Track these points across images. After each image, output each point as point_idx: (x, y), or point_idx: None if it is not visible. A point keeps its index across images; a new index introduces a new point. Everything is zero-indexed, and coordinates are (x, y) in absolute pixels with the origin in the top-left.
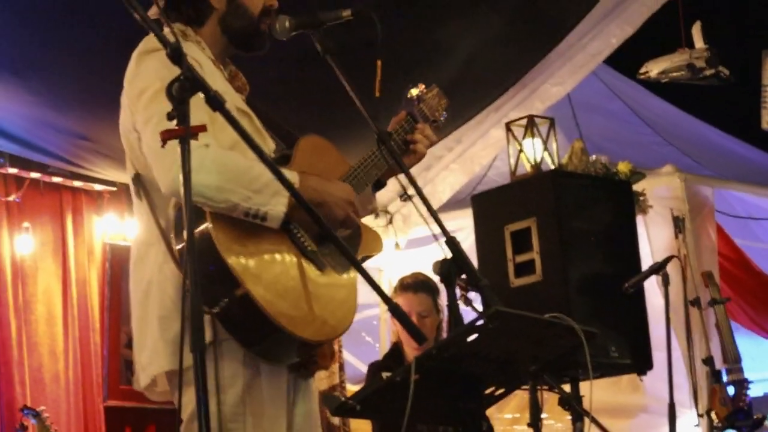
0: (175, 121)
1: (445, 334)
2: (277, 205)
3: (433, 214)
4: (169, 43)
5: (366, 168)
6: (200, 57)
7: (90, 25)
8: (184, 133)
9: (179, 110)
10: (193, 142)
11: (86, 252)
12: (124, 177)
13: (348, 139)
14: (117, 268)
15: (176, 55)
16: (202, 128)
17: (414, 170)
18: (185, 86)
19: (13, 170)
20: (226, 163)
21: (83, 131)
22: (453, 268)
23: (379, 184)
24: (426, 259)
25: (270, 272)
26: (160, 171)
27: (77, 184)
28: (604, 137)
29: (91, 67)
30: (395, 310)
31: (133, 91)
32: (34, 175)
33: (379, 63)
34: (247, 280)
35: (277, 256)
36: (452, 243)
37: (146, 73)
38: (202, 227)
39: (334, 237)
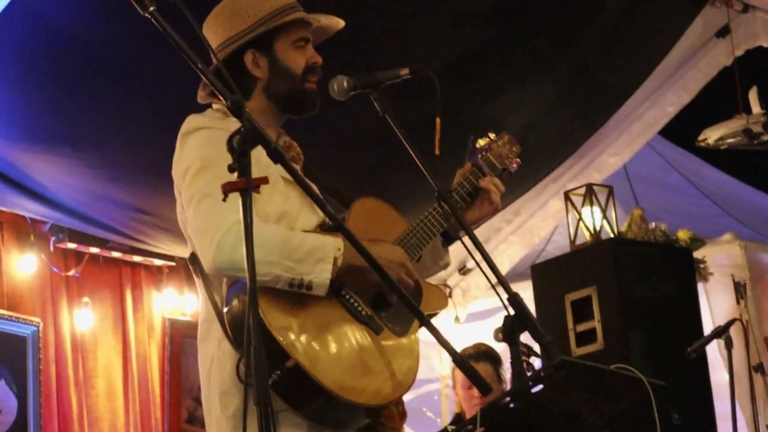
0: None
1: None
2: (321, 272)
3: (495, 271)
4: (229, 96)
5: (424, 226)
6: None
7: (148, 99)
8: (245, 185)
9: (240, 162)
10: (232, 217)
11: (146, 327)
12: (184, 251)
13: (408, 199)
14: (177, 342)
15: (236, 108)
16: (264, 180)
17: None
18: (246, 138)
19: (72, 245)
20: (265, 236)
21: (142, 205)
22: (516, 324)
23: (450, 239)
24: (486, 332)
25: (320, 341)
26: (200, 249)
27: (136, 259)
28: (661, 209)
29: (150, 141)
30: (460, 362)
31: (178, 172)
32: (94, 250)
33: (438, 121)
34: (295, 352)
35: (328, 324)
36: (515, 300)
37: (189, 153)
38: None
39: (397, 289)
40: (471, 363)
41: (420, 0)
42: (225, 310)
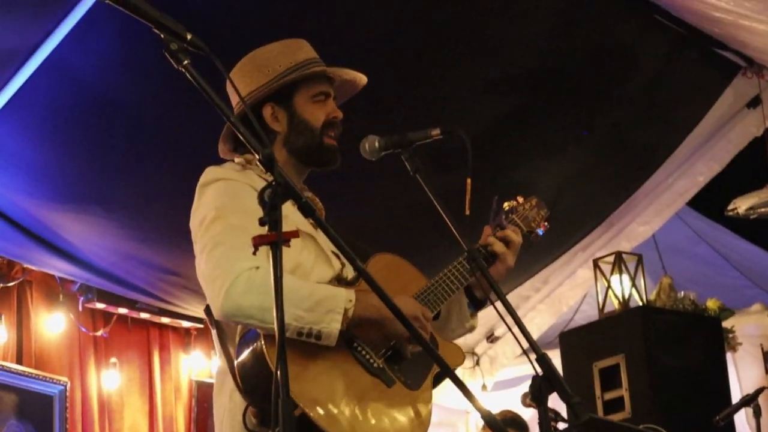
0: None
1: None
2: (331, 322)
3: (522, 329)
4: (261, 149)
5: (443, 283)
6: (259, 184)
7: (179, 160)
8: (276, 238)
9: (271, 216)
10: (242, 264)
11: (173, 388)
12: None
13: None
14: (203, 405)
15: (268, 161)
16: (295, 234)
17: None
18: (277, 192)
19: (101, 305)
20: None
21: (171, 266)
22: (545, 385)
23: (478, 303)
24: (514, 400)
25: (329, 391)
26: (209, 296)
27: (165, 320)
28: (690, 280)
29: (179, 202)
30: (488, 418)
31: (194, 223)
32: (122, 310)
33: (468, 181)
34: (302, 400)
35: (338, 375)
36: (544, 360)
37: (205, 203)
38: (257, 349)
39: (421, 339)
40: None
41: (454, 66)
42: (236, 360)
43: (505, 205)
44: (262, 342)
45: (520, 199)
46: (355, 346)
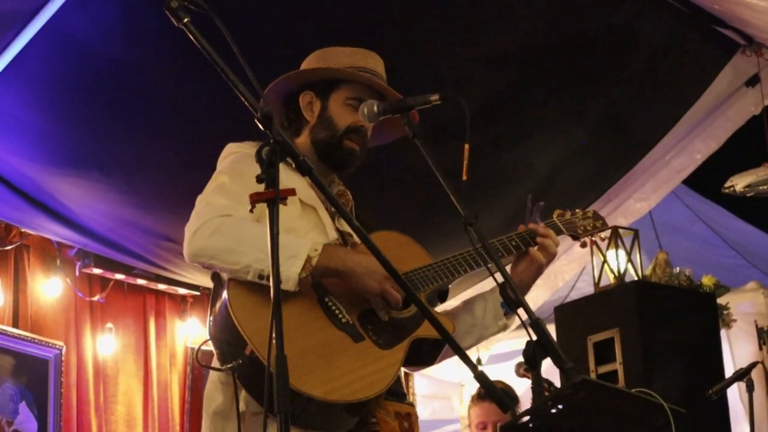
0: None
1: None
2: (291, 267)
3: (516, 294)
4: (259, 107)
5: (449, 263)
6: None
7: (179, 127)
8: (273, 195)
9: (268, 174)
10: (215, 212)
11: (168, 355)
12: (209, 281)
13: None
14: (198, 372)
15: (266, 120)
16: (291, 192)
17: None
18: (274, 150)
19: (98, 271)
20: (240, 228)
21: (169, 233)
22: (538, 350)
23: (511, 301)
24: (509, 373)
25: (287, 337)
26: (184, 239)
27: (161, 287)
28: (686, 259)
29: (179, 168)
30: (479, 377)
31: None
32: (119, 276)
33: (466, 147)
34: (255, 340)
35: (301, 324)
36: (538, 325)
37: (218, 173)
38: (222, 293)
39: (407, 288)
40: (486, 403)
41: (451, 41)
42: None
43: (557, 212)
44: (227, 289)
45: (578, 211)
46: (326, 300)
